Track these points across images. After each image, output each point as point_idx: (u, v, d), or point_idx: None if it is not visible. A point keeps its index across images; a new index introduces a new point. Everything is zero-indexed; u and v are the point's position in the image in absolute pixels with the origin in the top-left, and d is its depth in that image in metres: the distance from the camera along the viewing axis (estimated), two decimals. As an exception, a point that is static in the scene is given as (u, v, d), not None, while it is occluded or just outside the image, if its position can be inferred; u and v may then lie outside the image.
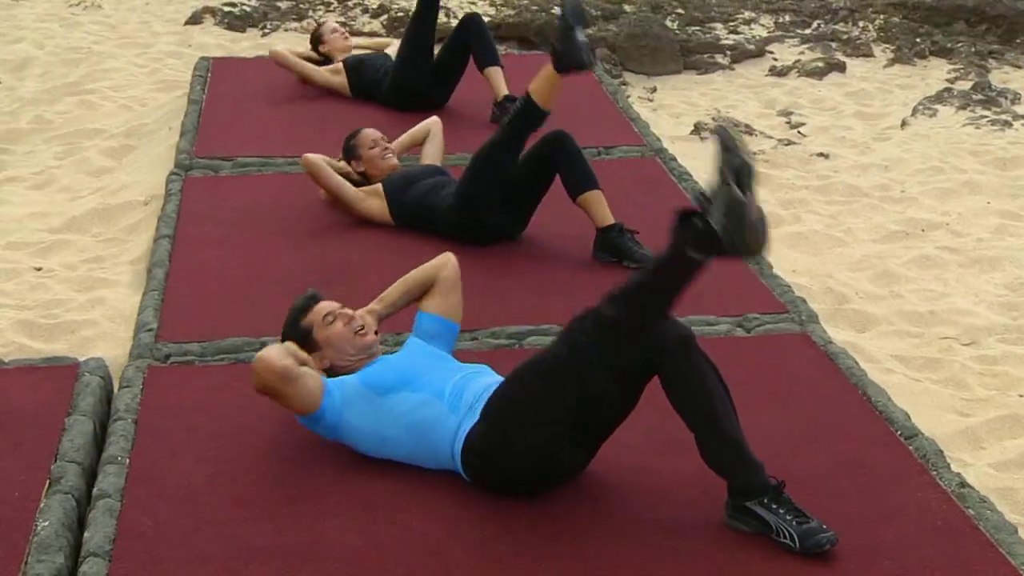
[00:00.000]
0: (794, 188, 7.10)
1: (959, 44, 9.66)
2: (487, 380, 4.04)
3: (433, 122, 6.28)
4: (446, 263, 4.43)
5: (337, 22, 9.78)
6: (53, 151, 7.62)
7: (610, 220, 5.53)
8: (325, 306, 4.17)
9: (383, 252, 5.60)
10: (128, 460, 4.11)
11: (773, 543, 3.67)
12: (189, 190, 6.25)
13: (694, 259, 3.50)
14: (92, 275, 5.69)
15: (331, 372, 4.13)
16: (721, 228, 3.37)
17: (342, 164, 5.99)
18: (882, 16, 10.32)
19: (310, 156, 5.84)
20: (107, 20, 10.69)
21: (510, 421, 3.78)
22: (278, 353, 3.93)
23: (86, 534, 3.74)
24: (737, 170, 3.38)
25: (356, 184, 5.91)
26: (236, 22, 10.25)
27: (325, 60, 7.77)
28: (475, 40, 7.22)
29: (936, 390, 5.00)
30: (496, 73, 7.21)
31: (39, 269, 5.82)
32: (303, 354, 4.10)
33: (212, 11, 10.45)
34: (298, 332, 4.14)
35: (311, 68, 7.68)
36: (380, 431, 4.00)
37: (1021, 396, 4.95)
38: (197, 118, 7.22)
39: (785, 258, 6.03)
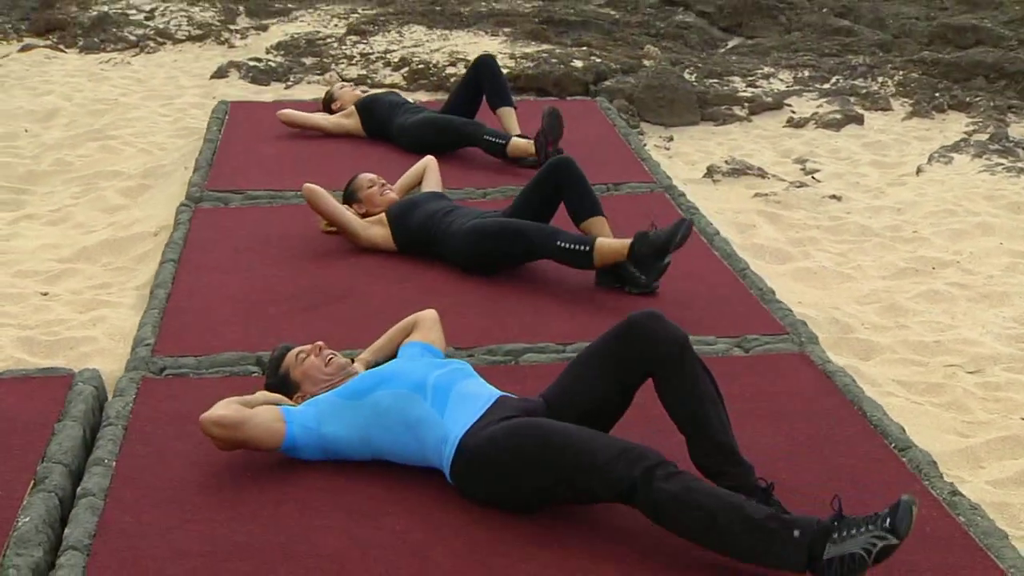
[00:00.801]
0: (805, 228, 7.07)
1: (978, 98, 9.65)
2: (475, 385, 4.02)
3: (428, 160, 6.37)
4: (427, 312, 4.60)
5: (359, 75, 9.94)
6: (71, 191, 7.71)
7: (614, 246, 5.53)
8: (297, 349, 4.29)
9: (385, 273, 5.62)
10: (115, 463, 4.11)
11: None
12: (198, 220, 6.30)
13: (778, 562, 3.35)
14: (97, 298, 5.73)
15: None
16: (827, 562, 3.27)
17: (347, 212, 6.04)
18: (901, 72, 10.33)
19: (311, 185, 5.88)
20: (135, 75, 10.85)
21: (521, 466, 3.72)
22: (217, 406, 3.99)
23: (66, 530, 3.73)
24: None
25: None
26: (260, 76, 10.38)
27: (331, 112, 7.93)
28: (488, 81, 7.30)
29: (937, 412, 4.94)
30: (509, 114, 7.27)
31: (45, 294, 5.86)
32: (274, 396, 4.18)
33: (237, 65, 10.60)
34: (277, 379, 4.26)
35: (321, 118, 7.77)
36: (364, 433, 4.00)
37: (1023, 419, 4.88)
38: (211, 155, 7.30)
39: (791, 290, 6.00)
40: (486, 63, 7.38)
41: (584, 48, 10.46)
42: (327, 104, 8.00)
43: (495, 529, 3.75)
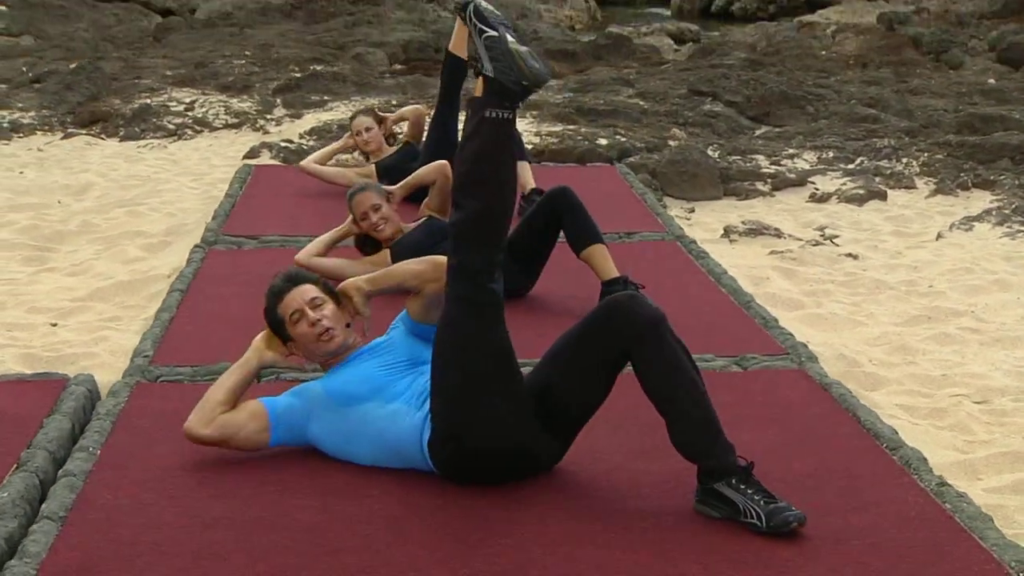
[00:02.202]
0: (819, 282, 7.04)
1: (1002, 177, 9.63)
2: None
3: (441, 167, 6.14)
4: (437, 277, 4.16)
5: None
6: (94, 248, 7.82)
7: (614, 273, 5.53)
8: (295, 300, 4.13)
9: (386, 302, 5.62)
10: (99, 451, 4.12)
11: (742, 527, 3.57)
12: (210, 260, 6.38)
13: (497, 116, 3.63)
14: (104, 326, 5.78)
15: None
16: (493, 70, 3.58)
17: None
18: (927, 154, 10.34)
19: (301, 258, 5.95)
20: (170, 157, 11.04)
21: (449, 372, 3.76)
22: (198, 421, 4.00)
23: (43, 505, 3.73)
24: (479, 16, 3.66)
25: (358, 243, 5.98)
26: (291, 156, 10.52)
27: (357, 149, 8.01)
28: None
29: (937, 432, 4.86)
30: (524, 168, 7.33)
31: (54, 324, 5.93)
32: (268, 354, 4.15)
33: (269, 146, 10.77)
34: (272, 320, 4.17)
35: (339, 173, 7.87)
36: (347, 440, 4.01)
37: (1026, 438, 4.79)
38: (230, 207, 7.41)
39: (799, 333, 5.93)
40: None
41: (610, 128, 10.58)
42: (353, 131, 8.07)
43: (472, 507, 3.74)
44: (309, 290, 4.15)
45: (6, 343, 5.57)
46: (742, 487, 3.62)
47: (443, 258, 4.00)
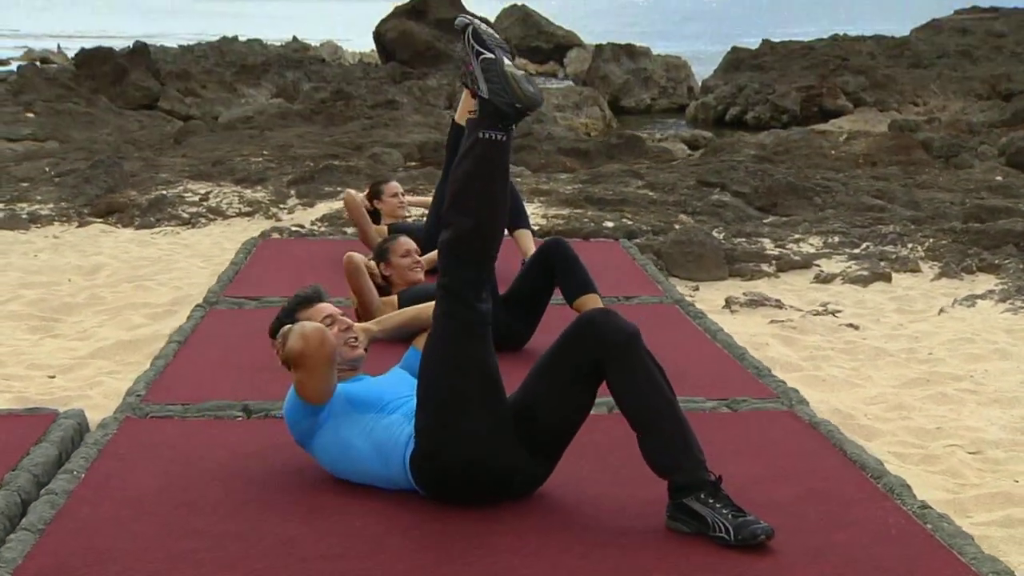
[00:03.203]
0: (818, 348, 7.04)
1: (1007, 261, 9.66)
2: None
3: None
4: None
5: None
6: (99, 319, 7.89)
7: (607, 323, 5.55)
8: (326, 307, 4.25)
9: (385, 350, 5.65)
10: (83, 474, 4.13)
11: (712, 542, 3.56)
12: (210, 318, 6.42)
13: (491, 137, 3.69)
14: (101, 377, 5.82)
15: None
16: (488, 92, 3.66)
17: (371, 264, 6.12)
18: (931, 240, 10.39)
19: (353, 255, 5.95)
20: (182, 241, 11.17)
21: (433, 390, 3.78)
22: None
23: (23, 520, 3.74)
24: (477, 39, 3.72)
25: (377, 288, 6.03)
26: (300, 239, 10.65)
27: (373, 213, 8.06)
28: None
29: (928, 476, 4.84)
30: (525, 235, 7.40)
31: (52, 377, 5.97)
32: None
33: (280, 230, 10.89)
34: (294, 322, 4.16)
35: (368, 223, 7.91)
36: (349, 441, 4.01)
37: (1017, 481, 4.75)
38: (234, 274, 7.48)
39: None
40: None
41: (617, 212, 10.67)
42: (372, 196, 8.15)
43: (452, 523, 3.74)
44: (333, 307, 4.29)
45: (2, 390, 5.61)
46: (711, 501, 3.61)
47: None
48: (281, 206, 12.48)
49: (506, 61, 3.73)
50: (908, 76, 24.60)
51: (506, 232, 7.39)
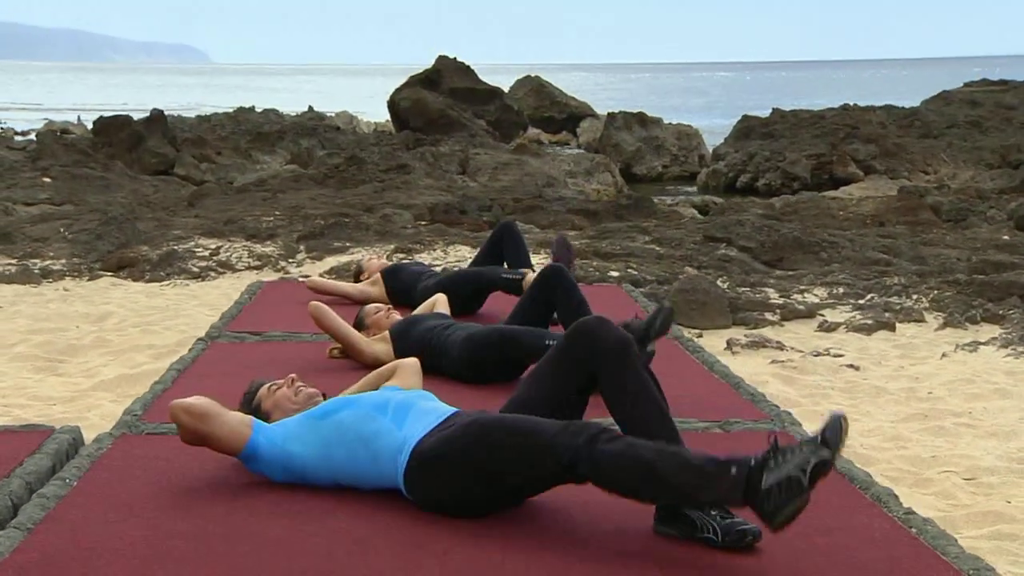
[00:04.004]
0: (818, 387, 7.05)
1: (1012, 312, 9.67)
2: (435, 404, 4.06)
3: (438, 296, 6.51)
4: (408, 360, 4.70)
5: None
6: (104, 360, 7.95)
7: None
8: (270, 382, 4.47)
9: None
10: (76, 482, 4.16)
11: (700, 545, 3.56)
12: (212, 350, 6.46)
13: (716, 498, 3.36)
14: (101, 403, 5.87)
15: None
16: (765, 491, 3.21)
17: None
18: (936, 291, 10.41)
19: (317, 303, 6.05)
20: (190, 292, 11.26)
21: (472, 455, 3.71)
22: (194, 397, 4.08)
23: (13, 520, 3.76)
24: (825, 447, 3.24)
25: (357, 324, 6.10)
26: (308, 291, 10.72)
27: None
28: (510, 244, 7.51)
29: (922, 497, 4.84)
30: (530, 276, 7.43)
31: (54, 405, 6.02)
32: (249, 418, 4.25)
33: (287, 281, 10.97)
34: (249, 410, 4.38)
35: (347, 286, 8.00)
36: (325, 450, 4.03)
37: (1009, 502, 4.74)
38: (237, 312, 7.54)
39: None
40: (508, 227, 7.61)
41: (622, 263, 10.72)
42: (356, 276, 8.24)
43: (438, 527, 3.74)
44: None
45: (1, 415, 5.65)
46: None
47: (401, 361, 4.62)
48: (290, 260, 12.58)
49: (807, 493, 3.23)
50: (919, 145, 24.70)
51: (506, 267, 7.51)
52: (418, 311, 6.47)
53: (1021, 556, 4.17)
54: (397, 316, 6.19)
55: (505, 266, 7.58)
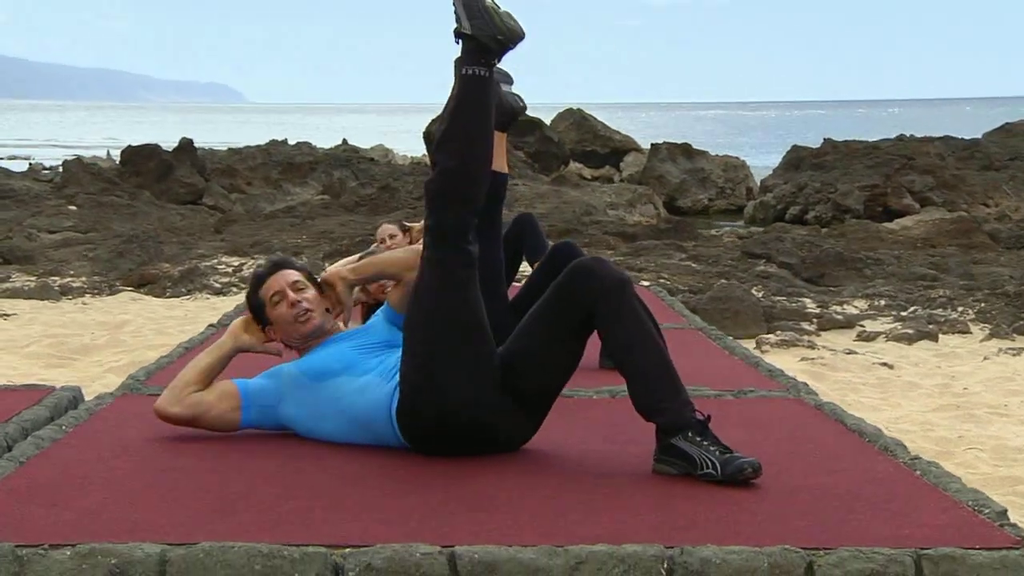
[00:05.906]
0: (849, 383, 6.87)
1: (1059, 322, 9.44)
2: None
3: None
4: (417, 266, 4.16)
5: None
6: (118, 360, 7.89)
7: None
8: (276, 282, 4.12)
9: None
10: (72, 429, 4.12)
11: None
12: (221, 334, 6.40)
13: (473, 73, 3.70)
14: (108, 375, 5.83)
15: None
16: (471, 27, 3.66)
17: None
18: (983, 304, 10.18)
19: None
20: (210, 305, 11.12)
21: (419, 337, 3.72)
22: (168, 400, 4.01)
23: (6, 455, 3.73)
24: None
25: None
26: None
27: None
28: (529, 237, 7.39)
29: (943, 466, 4.65)
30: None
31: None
32: (245, 337, 4.14)
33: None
34: (253, 303, 4.16)
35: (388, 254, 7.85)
36: (318, 417, 3.96)
37: (1034, 471, 4.58)
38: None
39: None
40: (527, 219, 7.50)
41: (655, 274, 10.61)
42: (378, 238, 8.07)
43: (432, 464, 3.69)
44: (292, 274, 4.15)
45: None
46: (698, 439, 3.51)
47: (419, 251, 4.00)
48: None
49: None
50: (979, 177, 24.19)
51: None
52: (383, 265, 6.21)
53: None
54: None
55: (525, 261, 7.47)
